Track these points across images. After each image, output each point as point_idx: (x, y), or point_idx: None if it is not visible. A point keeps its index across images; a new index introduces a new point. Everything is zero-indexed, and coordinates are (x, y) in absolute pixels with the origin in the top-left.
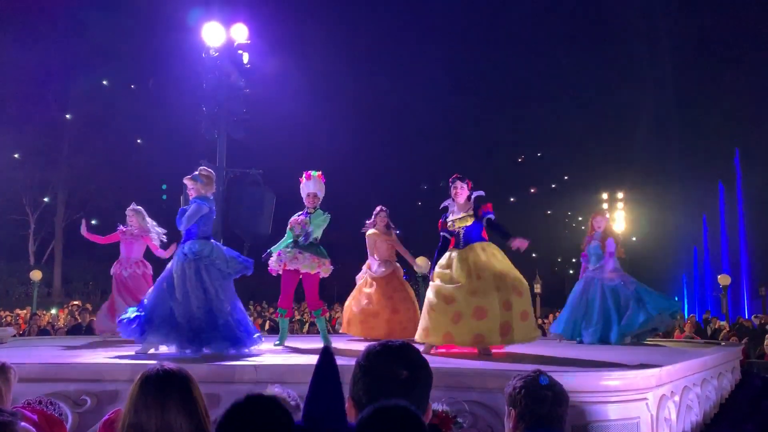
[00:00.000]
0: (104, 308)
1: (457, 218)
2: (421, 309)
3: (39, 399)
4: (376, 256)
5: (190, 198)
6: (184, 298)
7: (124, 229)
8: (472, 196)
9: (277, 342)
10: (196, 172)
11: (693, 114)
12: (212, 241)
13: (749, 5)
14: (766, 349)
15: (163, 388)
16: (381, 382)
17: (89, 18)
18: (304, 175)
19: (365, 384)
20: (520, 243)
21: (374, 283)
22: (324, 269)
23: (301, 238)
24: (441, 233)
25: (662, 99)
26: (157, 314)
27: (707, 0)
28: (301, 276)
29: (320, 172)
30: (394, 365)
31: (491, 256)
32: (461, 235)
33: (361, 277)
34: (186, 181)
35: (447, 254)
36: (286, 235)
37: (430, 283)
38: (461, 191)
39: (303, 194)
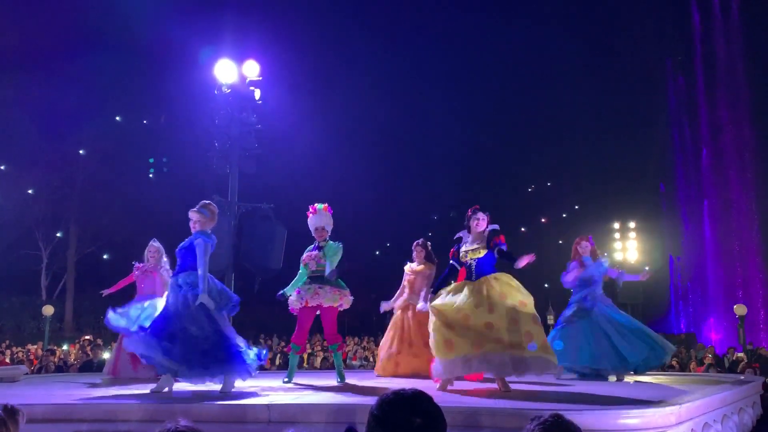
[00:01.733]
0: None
1: (470, 249)
2: None
3: None
4: (416, 292)
5: (193, 231)
6: (198, 324)
7: (140, 266)
8: (487, 229)
9: (286, 379)
10: (203, 206)
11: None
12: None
13: None
14: None
15: None
16: (394, 430)
17: (103, 55)
18: (310, 209)
19: None
20: (527, 259)
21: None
22: (345, 301)
23: (326, 272)
24: (451, 261)
25: (673, 126)
26: (178, 337)
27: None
28: (319, 311)
29: (326, 205)
30: (408, 413)
31: (505, 285)
32: (473, 267)
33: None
34: (192, 213)
35: (458, 285)
36: (299, 272)
37: (431, 307)
38: (482, 222)
39: (311, 228)
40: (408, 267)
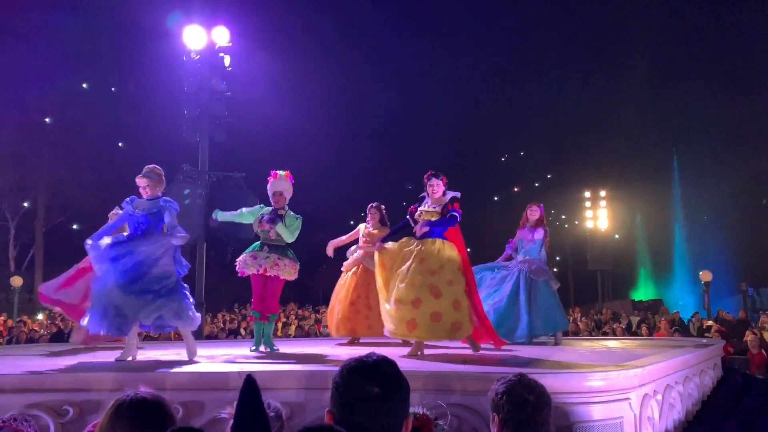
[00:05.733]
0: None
1: (426, 210)
2: None
3: (13, 416)
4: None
5: (146, 196)
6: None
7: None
8: (448, 195)
9: (253, 347)
10: (149, 170)
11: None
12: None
13: None
14: (749, 344)
15: (137, 417)
16: (353, 398)
17: (68, 21)
18: (271, 174)
19: (336, 400)
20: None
21: (350, 275)
22: (295, 274)
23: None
24: (407, 216)
25: (644, 96)
26: None
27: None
28: (267, 278)
29: (288, 171)
30: (366, 382)
31: (439, 251)
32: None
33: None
34: (140, 180)
35: (407, 238)
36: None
37: (378, 258)
38: (437, 188)
39: (269, 193)
40: (365, 229)
